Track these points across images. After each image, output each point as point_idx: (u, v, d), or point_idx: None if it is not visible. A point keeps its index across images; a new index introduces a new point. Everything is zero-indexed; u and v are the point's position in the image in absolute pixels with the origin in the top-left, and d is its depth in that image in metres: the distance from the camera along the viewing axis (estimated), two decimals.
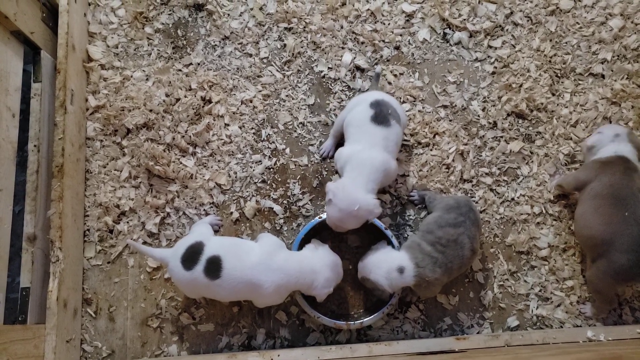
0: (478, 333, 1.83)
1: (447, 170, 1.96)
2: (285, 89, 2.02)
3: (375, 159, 1.64)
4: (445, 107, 2.02)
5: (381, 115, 1.67)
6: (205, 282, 1.54)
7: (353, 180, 1.61)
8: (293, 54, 2.05)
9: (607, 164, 1.72)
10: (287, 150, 1.97)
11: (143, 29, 2.06)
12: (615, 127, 1.84)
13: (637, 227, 1.61)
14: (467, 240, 1.64)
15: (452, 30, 2.09)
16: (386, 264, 1.63)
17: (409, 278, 1.62)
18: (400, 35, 2.08)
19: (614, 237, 1.62)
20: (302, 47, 2.06)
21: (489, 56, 2.07)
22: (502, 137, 2.00)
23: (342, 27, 2.08)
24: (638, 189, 1.67)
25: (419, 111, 2.01)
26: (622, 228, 1.62)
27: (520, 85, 2.04)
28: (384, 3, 2.10)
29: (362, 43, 2.07)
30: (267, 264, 1.55)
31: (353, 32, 2.07)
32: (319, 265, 1.61)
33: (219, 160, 1.95)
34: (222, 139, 1.96)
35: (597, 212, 1.67)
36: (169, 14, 2.08)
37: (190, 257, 1.56)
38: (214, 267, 1.53)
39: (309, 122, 2.00)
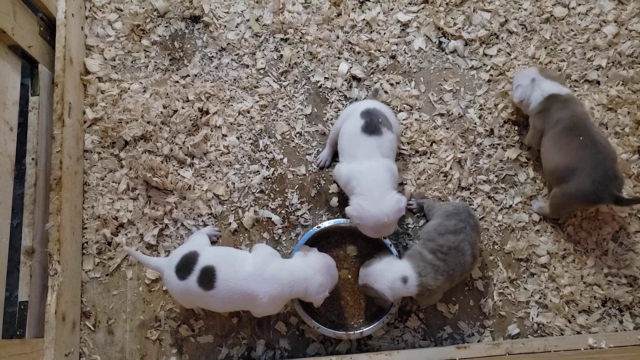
0: (479, 342, 1.82)
1: (445, 178, 1.96)
2: (282, 99, 2.03)
3: (375, 166, 1.64)
4: (442, 115, 2.03)
5: (372, 124, 1.67)
6: (199, 292, 1.53)
7: (366, 194, 1.61)
8: (289, 64, 2.06)
9: (543, 110, 1.80)
10: (285, 160, 1.97)
11: (140, 41, 2.07)
12: (527, 72, 1.89)
13: (594, 147, 1.67)
14: (467, 246, 1.64)
15: (448, 39, 2.11)
16: (390, 274, 1.62)
17: (412, 288, 1.61)
18: (396, 44, 2.09)
19: (575, 163, 1.68)
20: (298, 58, 2.07)
21: (484, 64, 2.08)
22: (499, 144, 2.01)
23: (338, 37, 2.09)
24: (582, 112, 1.76)
25: (416, 120, 2.02)
26: (580, 153, 1.68)
27: None
28: (379, 13, 2.12)
29: (358, 53, 2.08)
30: (260, 274, 1.55)
31: (349, 42, 2.08)
32: (310, 271, 1.59)
33: (216, 171, 1.95)
34: (219, 150, 1.96)
35: (556, 146, 1.74)
36: (166, 26, 2.09)
37: (185, 266, 1.55)
38: (208, 277, 1.52)
39: (306, 131, 2.00)
